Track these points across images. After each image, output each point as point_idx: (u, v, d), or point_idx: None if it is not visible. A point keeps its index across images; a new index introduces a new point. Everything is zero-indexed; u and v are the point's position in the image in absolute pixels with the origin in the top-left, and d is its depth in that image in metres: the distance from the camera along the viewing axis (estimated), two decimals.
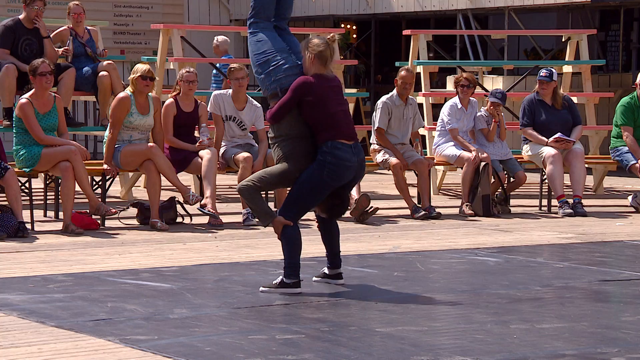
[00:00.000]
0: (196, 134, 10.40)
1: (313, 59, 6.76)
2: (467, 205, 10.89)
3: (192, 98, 10.37)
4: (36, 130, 9.33)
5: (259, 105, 10.67)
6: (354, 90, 17.41)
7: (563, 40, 14.42)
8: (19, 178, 9.35)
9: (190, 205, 9.82)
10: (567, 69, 13.93)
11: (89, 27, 11.88)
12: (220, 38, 15.07)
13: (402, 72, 10.91)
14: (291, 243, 6.74)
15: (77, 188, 9.37)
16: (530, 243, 9.20)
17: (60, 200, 9.61)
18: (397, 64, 14.24)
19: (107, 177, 9.99)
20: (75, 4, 11.68)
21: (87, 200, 9.48)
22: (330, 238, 7.03)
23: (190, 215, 10.06)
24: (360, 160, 6.83)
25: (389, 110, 10.87)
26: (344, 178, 6.78)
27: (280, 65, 6.79)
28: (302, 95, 6.70)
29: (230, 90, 10.48)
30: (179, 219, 10.01)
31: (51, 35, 11.40)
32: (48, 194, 10.27)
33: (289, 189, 6.94)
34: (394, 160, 10.68)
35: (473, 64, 15.80)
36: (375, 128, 10.93)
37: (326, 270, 7.09)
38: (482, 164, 10.89)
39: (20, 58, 11.04)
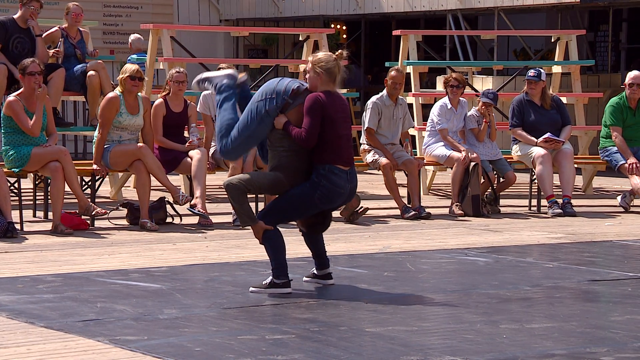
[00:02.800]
0: (186, 134, 10.39)
1: (322, 76, 6.69)
2: (456, 205, 10.91)
3: (182, 98, 10.36)
4: (26, 123, 9.31)
5: None
6: (344, 91, 17.35)
7: (552, 40, 14.44)
8: (8, 178, 9.33)
9: (180, 205, 9.81)
10: (557, 69, 13.96)
11: (81, 29, 11.86)
12: (133, 36, 15.28)
13: (392, 72, 10.92)
14: (274, 245, 6.74)
15: (67, 188, 9.35)
16: (520, 243, 9.22)
17: (49, 201, 9.59)
18: (387, 64, 14.24)
19: (97, 178, 9.97)
20: (75, 5, 11.67)
21: (76, 200, 9.47)
22: (315, 241, 7.03)
23: (180, 216, 10.05)
24: (352, 187, 6.81)
25: (379, 111, 10.88)
26: (334, 203, 6.81)
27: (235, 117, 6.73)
28: (322, 111, 6.61)
29: None
30: (168, 219, 10.00)
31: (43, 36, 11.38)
32: (37, 194, 10.25)
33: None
34: (383, 160, 10.69)
35: (463, 64, 15.81)
36: (365, 128, 10.94)
37: (315, 271, 7.09)
38: (472, 164, 10.91)
39: (11, 55, 11.02)
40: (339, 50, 6.89)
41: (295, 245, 7.61)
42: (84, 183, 10.05)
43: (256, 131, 6.68)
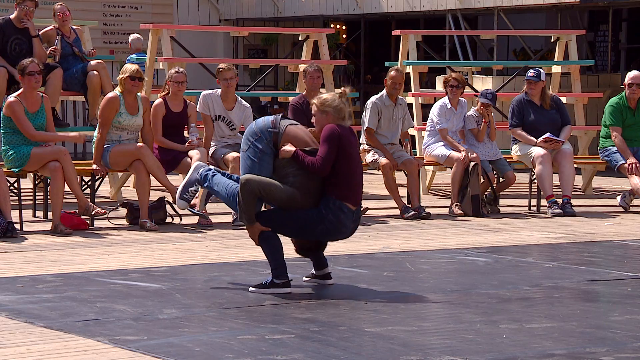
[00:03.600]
0: (185, 134, 10.39)
1: (330, 115, 6.70)
2: (456, 205, 10.91)
3: (181, 98, 10.36)
4: (27, 126, 9.32)
5: (248, 105, 10.67)
6: None
7: (552, 40, 14.45)
8: (7, 178, 9.33)
9: None
10: (556, 69, 13.96)
11: (74, 27, 11.85)
12: (133, 36, 15.26)
13: (392, 72, 10.92)
14: (271, 245, 6.75)
15: (66, 188, 9.35)
16: (520, 243, 9.22)
17: (49, 201, 9.59)
18: (386, 64, 14.25)
19: (97, 177, 9.97)
20: (60, 5, 11.64)
21: (76, 200, 9.47)
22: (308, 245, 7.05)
23: (180, 216, 10.05)
24: (355, 227, 6.84)
25: (379, 111, 10.88)
26: (334, 238, 6.86)
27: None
28: (339, 141, 6.63)
29: (219, 90, 10.47)
30: (168, 219, 10.00)
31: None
32: (37, 194, 10.25)
33: None
34: (383, 160, 10.69)
35: (462, 64, 15.82)
36: (364, 128, 10.94)
37: (314, 271, 7.10)
38: (472, 164, 10.91)
39: (9, 57, 11.02)
40: (342, 88, 6.94)
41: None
42: (83, 183, 10.05)
43: (261, 171, 6.69)
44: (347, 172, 6.69)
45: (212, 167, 7.14)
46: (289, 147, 6.66)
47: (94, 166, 9.83)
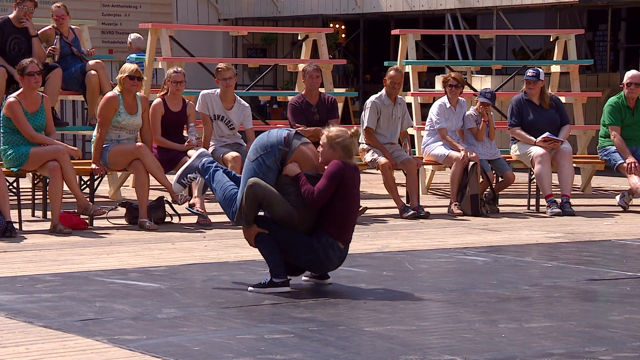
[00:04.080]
0: (184, 133, 10.39)
1: (338, 152, 6.70)
2: (455, 204, 10.91)
3: (180, 98, 10.36)
4: (26, 128, 9.31)
5: (247, 104, 10.67)
6: (342, 90, 17.42)
7: (551, 40, 14.45)
8: (6, 178, 9.33)
9: (179, 205, 9.80)
10: (555, 68, 13.96)
11: (73, 27, 11.85)
12: (133, 35, 15.25)
13: (391, 72, 10.92)
14: (268, 246, 6.75)
15: (65, 188, 9.35)
16: (519, 242, 9.22)
17: (48, 200, 9.59)
18: (385, 63, 14.25)
19: (96, 177, 9.97)
20: (57, 6, 11.63)
21: (75, 200, 9.46)
22: None
23: (179, 215, 10.05)
24: (340, 263, 6.87)
25: (378, 110, 10.88)
26: (317, 271, 6.89)
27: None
28: (340, 181, 6.65)
29: (218, 90, 10.47)
30: (167, 219, 10.00)
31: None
32: (36, 193, 10.24)
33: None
34: (382, 159, 10.69)
35: (461, 63, 15.82)
36: (364, 128, 10.94)
37: None
38: (471, 163, 10.91)
39: (8, 56, 11.02)
40: (354, 129, 6.92)
41: None
42: (82, 182, 10.04)
43: None
44: (344, 211, 6.73)
45: (214, 161, 7.12)
46: (294, 168, 6.67)
47: (93, 166, 9.82)
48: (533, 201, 11.42)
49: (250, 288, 6.78)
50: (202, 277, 7.32)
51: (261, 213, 6.87)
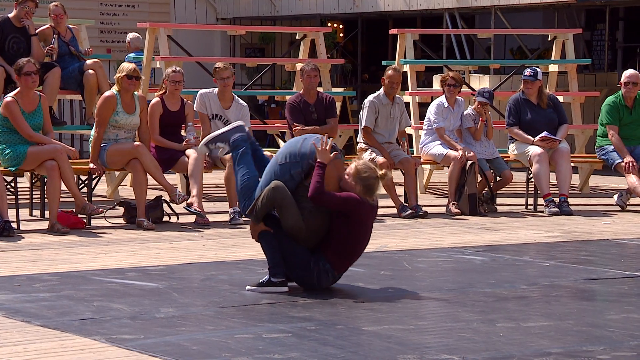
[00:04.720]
0: (183, 133, 10.39)
1: (358, 187, 6.68)
2: (453, 204, 10.91)
3: (179, 97, 10.36)
4: (24, 127, 9.31)
5: (245, 104, 10.68)
6: (340, 89, 17.42)
7: (549, 39, 14.46)
8: (4, 177, 9.32)
9: (177, 204, 9.81)
10: (553, 68, 13.97)
11: (71, 26, 11.85)
12: (131, 35, 15.25)
13: (389, 71, 10.92)
14: (270, 243, 6.75)
15: (63, 187, 9.35)
16: (517, 242, 9.22)
17: (46, 199, 9.59)
18: (383, 63, 14.25)
19: (93, 176, 9.97)
20: (55, 5, 11.64)
21: (73, 199, 9.46)
22: None
23: (177, 215, 10.05)
24: (328, 286, 6.83)
25: (376, 109, 10.89)
26: (306, 287, 6.84)
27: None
28: (354, 211, 6.63)
29: (216, 89, 10.47)
30: (165, 218, 10.00)
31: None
32: (34, 193, 10.24)
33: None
34: (380, 159, 10.69)
35: (459, 63, 15.83)
36: (362, 127, 10.94)
37: None
38: (469, 162, 10.91)
39: (7, 55, 11.02)
40: (384, 170, 6.89)
41: None
42: (80, 182, 10.04)
43: None
44: (353, 248, 6.72)
45: (247, 138, 6.94)
46: (327, 156, 6.58)
47: (91, 165, 9.82)
48: (531, 200, 11.42)
49: (248, 287, 6.78)
50: (200, 277, 7.32)
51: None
